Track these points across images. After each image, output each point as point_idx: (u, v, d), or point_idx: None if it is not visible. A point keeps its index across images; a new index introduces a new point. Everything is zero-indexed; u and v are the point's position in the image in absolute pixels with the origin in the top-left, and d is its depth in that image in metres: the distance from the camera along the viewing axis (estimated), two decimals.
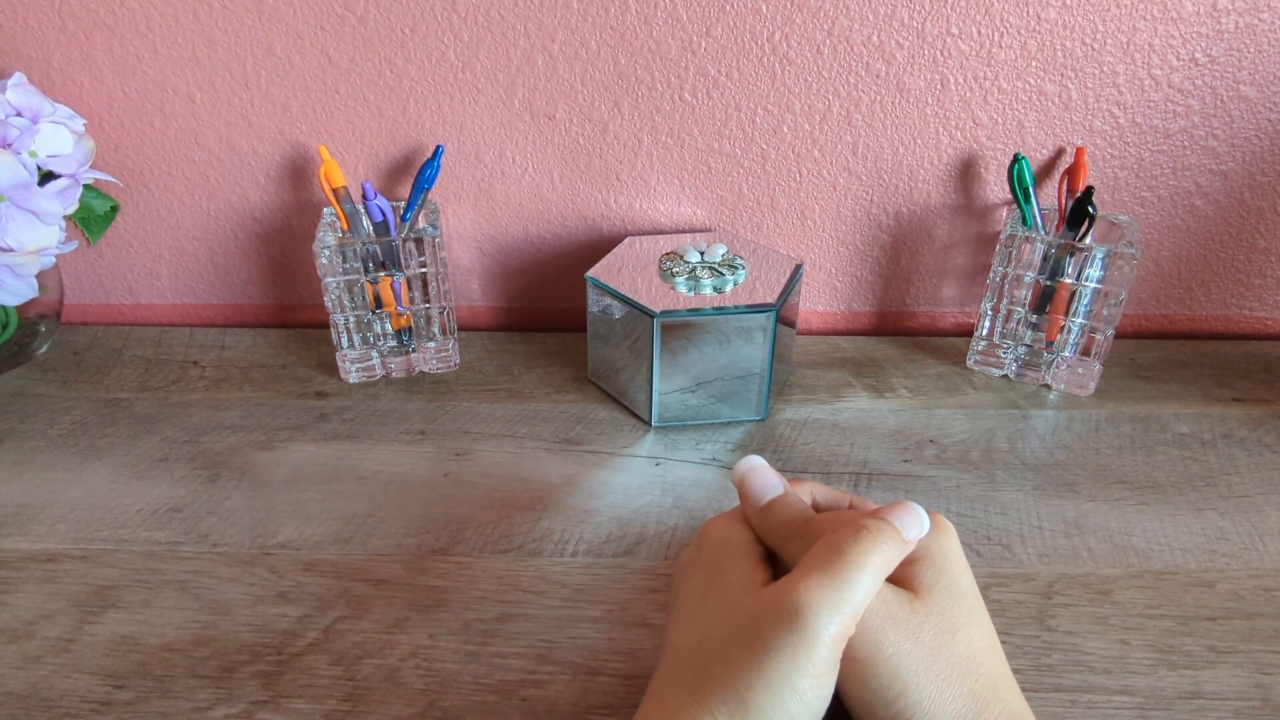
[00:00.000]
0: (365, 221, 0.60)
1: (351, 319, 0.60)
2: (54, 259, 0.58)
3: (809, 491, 0.40)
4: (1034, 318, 0.61)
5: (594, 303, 0.59)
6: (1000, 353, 0.63)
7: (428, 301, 0.61)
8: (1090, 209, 0.57)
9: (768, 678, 0.31)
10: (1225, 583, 0.47)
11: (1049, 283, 0.60)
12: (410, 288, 0.61)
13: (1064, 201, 0.61)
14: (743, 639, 0.32)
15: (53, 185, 0.55)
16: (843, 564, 0.32)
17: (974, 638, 0.34)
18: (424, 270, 0.60)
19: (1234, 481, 0.54)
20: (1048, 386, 0.62)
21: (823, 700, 0.32)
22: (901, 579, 0.35)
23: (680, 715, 0.31)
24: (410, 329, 0.62)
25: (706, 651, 0.33)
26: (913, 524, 0.35)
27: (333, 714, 0.40)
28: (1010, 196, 0.63)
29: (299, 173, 0.65)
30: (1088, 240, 0.59)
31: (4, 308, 0.60)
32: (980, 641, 0.34)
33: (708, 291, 0.56)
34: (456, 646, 0.43)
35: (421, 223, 0.61)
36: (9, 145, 0.52)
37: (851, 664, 0.33)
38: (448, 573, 0.48)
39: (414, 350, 0.63)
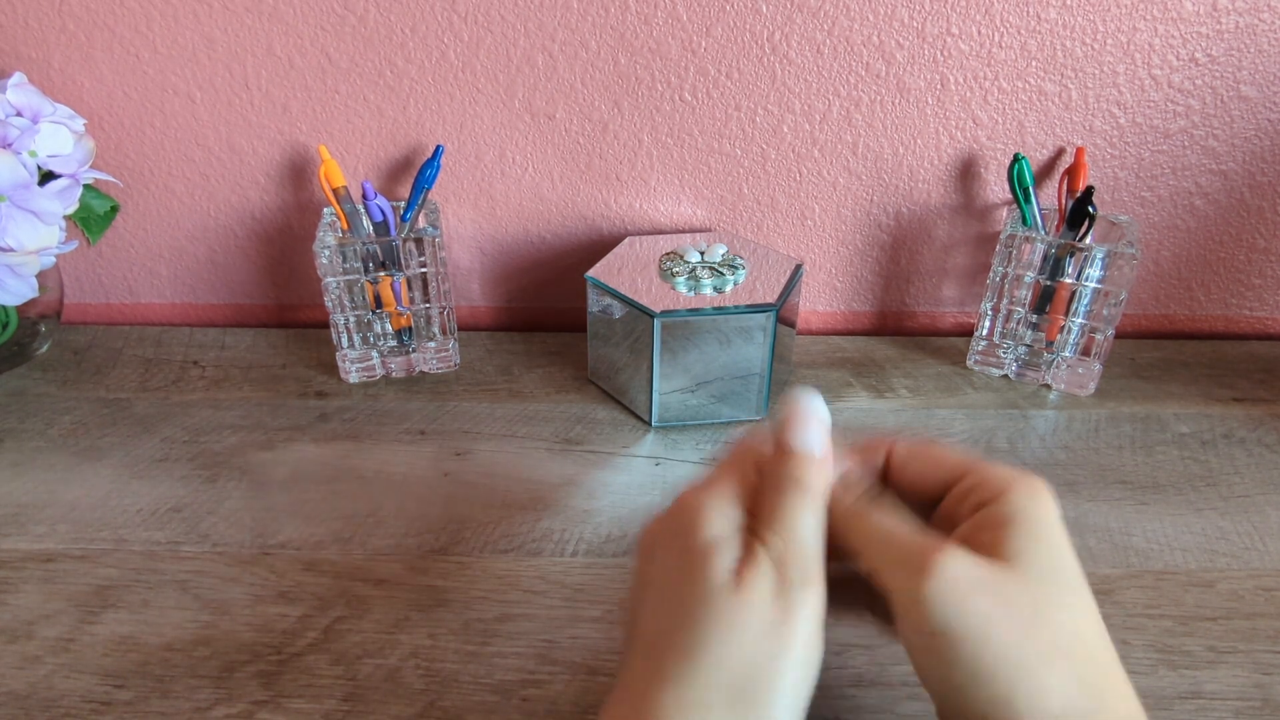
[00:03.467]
0: (365, 221, 0.60)
1: (351, 319, 0.60)
2: (54, 259, 0.58)
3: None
4: (1034, 318, 0.61)
5: (594, 303, 0.59)
6: (1000, 353, 0.63)
7: (428, 301, 0.61)
8: (1090, 209, 0.57)
9: (754, 664, 0.30)
10: (1225, 583, 0.47)
11: (1049, 283, 0.60)
12: (410, 288, 0.61)
13: (1064, 201, 0.61)
14: (720, 627, 0.30)
15: (53, 185, 0.55)
16: (783, 507, 0.32)
17: (1079, 616, 0.30)
18: (424, 270, 0.60)
19: (1234, 481, 0.54)
20: (1048, 386, 0.62)
21: (812, 674, 0.31)
22: (987, 544, 0.31)
23: (674, 714, 0.30)
24: (410, 329, 0.62)
25: (681, 641, 0.31)
26: (802, 429, 0.33)
27: (333, 714, 0.40)
28: (1010, 196, 0.63)
29: (299, 173, 0.65)
30: (1088, 240, 0.59)
31: (4, 308, 0.60)
32: (1087, 622, 0.30)
33: (708, 291, 0.56)
34: (456, 646, 0.43)
35: (421, 223, 0.61)
36: (9, 145, 0.52)
37: (933, 639, 0.29)
38: (448, 573, 0.48)
39: (414, 350, 0.63)
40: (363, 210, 0.59)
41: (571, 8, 0.58)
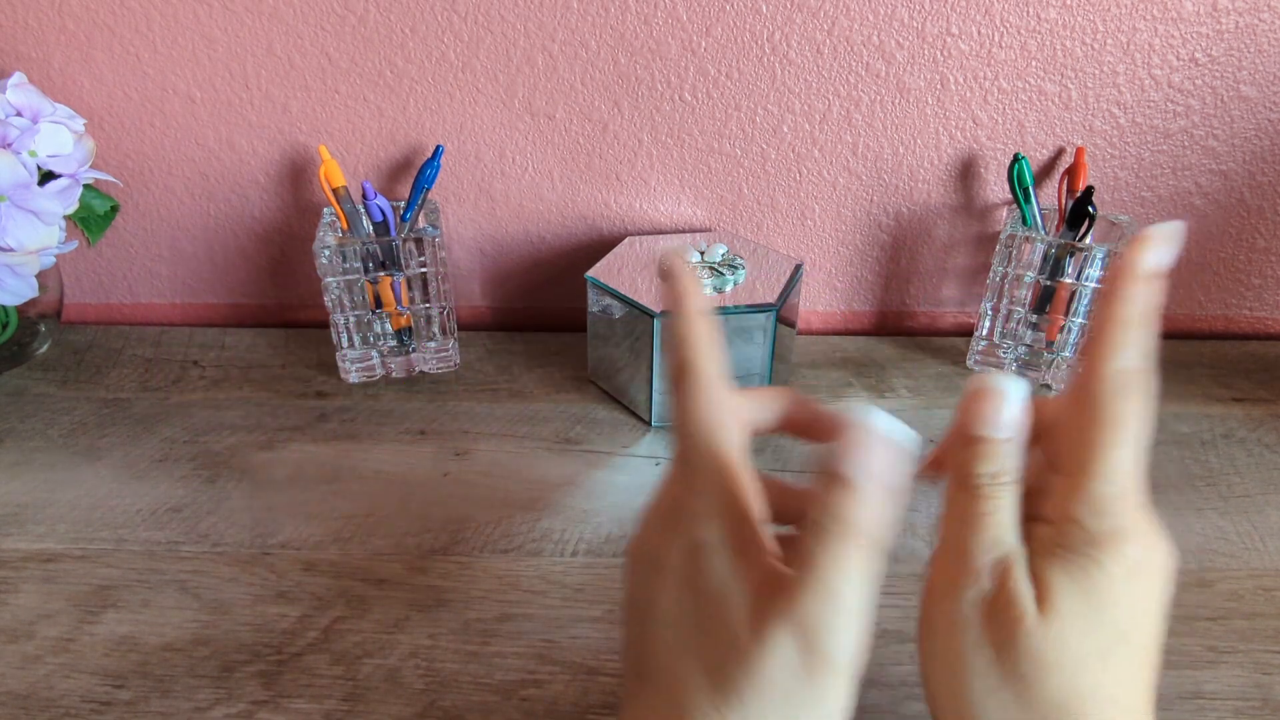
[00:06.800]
0: (365, 221, 0.60)
1: (351, 319, 0.60)
2: (54, 259, 0.58)
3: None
4: (1034, 318, 0.61)
5: (594, 303, 0.59)
6: (1000, 353, 0.63)
7: (428, 301, 0.61)
8: (1090, 209, 0.57)
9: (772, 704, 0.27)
10: (1225, 583, 0.47)
11: (1049, 283, 0.60)
12: (410, 288, 0.61)
13: (1064, 201, 0.61)
14: (743, 665, 0.27)
15: (53, 185, 0.55)
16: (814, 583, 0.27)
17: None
18: (424, 270, 0.60)
19: (1234, 481, 0.54)
20: (1048, 386, 0.62)
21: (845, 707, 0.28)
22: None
23: None
24: (410, 329, 0.62)
25: (690, 673, 0.28)
26: (877, 462, 0.27)
27: (333, 714, 0.40)
28: (1010, 196, 0.63)
29: (299, 173, 0.65)
30: (1088, 240, 0.59)
31: (4, 308, 0.60)
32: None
33: (708, 291, 0.56)
34: (456, 646, 0.43)
35: (421, 223, 0.61)
36: (9, 145, 0.52)
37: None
38: (448, 573, 0.48)
39: (414, 350, 0.63)
40: (363, 210, 0.59)
41: (571, 8, 0.58)
